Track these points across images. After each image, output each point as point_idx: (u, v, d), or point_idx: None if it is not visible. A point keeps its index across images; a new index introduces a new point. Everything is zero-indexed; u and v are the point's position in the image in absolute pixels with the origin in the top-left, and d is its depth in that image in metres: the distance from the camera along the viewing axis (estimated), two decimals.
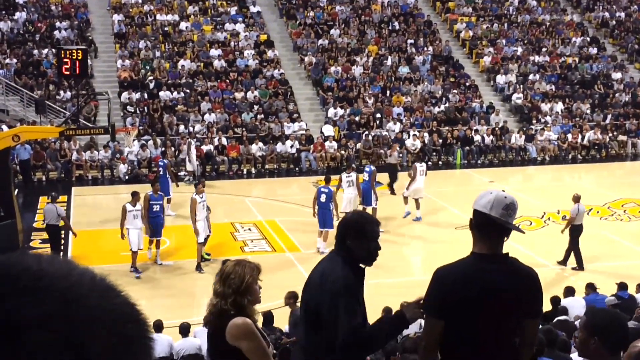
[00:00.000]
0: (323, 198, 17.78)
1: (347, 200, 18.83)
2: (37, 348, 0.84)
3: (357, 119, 29.68)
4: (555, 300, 12.15)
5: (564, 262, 16.85)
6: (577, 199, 16.77)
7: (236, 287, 4.26)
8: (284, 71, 32.18)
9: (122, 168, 25.42)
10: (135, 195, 16.68)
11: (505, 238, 3.64)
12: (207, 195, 17.25)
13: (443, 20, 37.71)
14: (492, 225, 3.57)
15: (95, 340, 0.87)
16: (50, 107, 27.13)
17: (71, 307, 0.88)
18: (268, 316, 12.07)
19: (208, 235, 16.98)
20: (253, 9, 35.92)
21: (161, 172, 21.42)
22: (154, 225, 16.94)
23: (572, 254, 16.75)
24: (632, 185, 24.96)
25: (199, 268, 16.71)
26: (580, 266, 16.63)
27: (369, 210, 19.60)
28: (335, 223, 17.29)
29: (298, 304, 11.67)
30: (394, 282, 15.39)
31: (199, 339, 11.92)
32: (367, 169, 20.10)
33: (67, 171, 25.44)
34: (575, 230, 16.73)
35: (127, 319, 0.93)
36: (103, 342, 0.88)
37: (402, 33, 35.45)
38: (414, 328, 11.82)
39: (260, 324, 11.63)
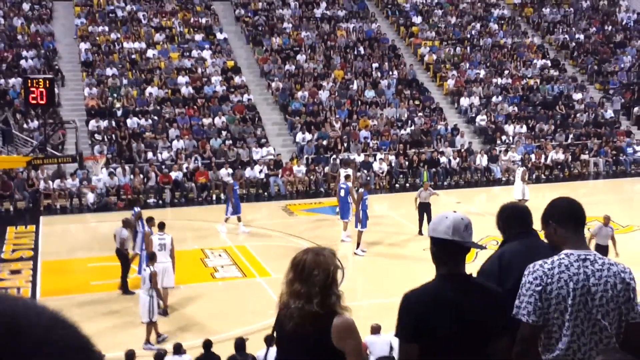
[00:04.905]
0: (342, 193, 20.66)
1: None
2: None
3: (324, 143, 29.99)
4: None
5: None
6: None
7: (322, 284, 3.69)
8: (251, 97, 32.44)
9: (90, 197, 25.36)
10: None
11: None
12: (173, 223, 16.99)
13: (407, 45, 38.33)
14: (455, 249, 3.64)
15: None
16: (17, 136, 27.05)
17: (15, 339, 0.93)
18: (240, 343, 12.15)
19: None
20: (220, 36, 36.21)
21: (233, 194, 21.82)
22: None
23: None
24: (595, 204, 25.39)
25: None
26: None
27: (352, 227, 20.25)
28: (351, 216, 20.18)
29: None
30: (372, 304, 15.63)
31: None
32: (343, 185, 21.21)
33: (34, 200, 25.30)
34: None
35: (74, 350, 0.98)
36: None
37: (367, 58, 35.96)
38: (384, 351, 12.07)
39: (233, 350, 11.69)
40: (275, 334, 4.08)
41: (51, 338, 0.96)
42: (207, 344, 12.52)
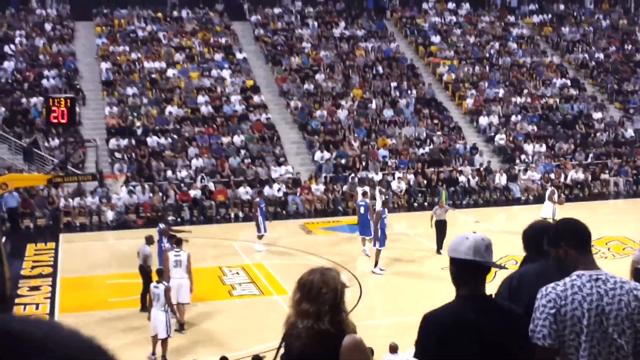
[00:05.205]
0: (362, 210, 21.19)
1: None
2: None
3: (343, 161, 30.02)
4: None
5: None
6: None
7: (332, 302, 3.65)
8: (270, 116, 32.59)
9: (109, 214, 25.55)
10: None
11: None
12: (191, 240, 16.99)
13: (426, 64, 38.37)
14: (476, 269, 3.62)
15: None
16: (38, 154, 27.37)
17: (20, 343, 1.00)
18: None
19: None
20: (239, 56, 36.48)
21: (259, 212, 21.89)
22: None
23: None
24: (615, 223, 25.28)
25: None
26: None
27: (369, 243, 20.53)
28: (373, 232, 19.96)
29: None
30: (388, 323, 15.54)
31: None
32: (362, 202, 21.74)
33: (54, 218, 25.49)
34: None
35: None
36: None
37: (386, 77, 36.03)
38: None
39: None
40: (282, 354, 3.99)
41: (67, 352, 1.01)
42: None
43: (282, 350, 4.01)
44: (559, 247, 3.78)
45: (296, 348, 3.72)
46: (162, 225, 18.90)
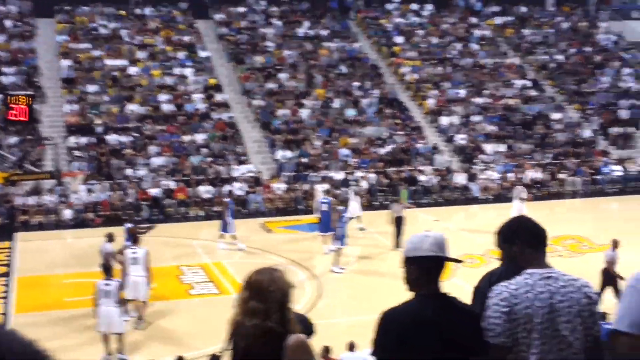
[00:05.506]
0: (325, 207, 21.66)
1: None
2: None
3: (304, 160, 30.08)
4: None
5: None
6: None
7: (280, 301, 3.65)
8: (232, 114, 32.51)
9: (67, 213, 25.27)
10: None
11: None
12: (150, 239, 16.99)
13: (389, 64, 38.57)
14: (439, 265, 3.64)
15: None
16: None
17: None
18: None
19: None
20: (202, 54, 36.32)
21: (229, 213, 22.07)
22: None
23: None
24: (572, 222, 25.74)
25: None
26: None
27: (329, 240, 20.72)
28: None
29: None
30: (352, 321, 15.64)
31: None
32: (324, 200, 22.20)
33: (10, 216, 25.14)
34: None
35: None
36: None
37: (349, 77, 36.16)
38: None
39: None
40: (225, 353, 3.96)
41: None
42: None
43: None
44: (513, 245, 3.81)
45: (242, 347, 3.69)
46: (129, 225, 18.81)
